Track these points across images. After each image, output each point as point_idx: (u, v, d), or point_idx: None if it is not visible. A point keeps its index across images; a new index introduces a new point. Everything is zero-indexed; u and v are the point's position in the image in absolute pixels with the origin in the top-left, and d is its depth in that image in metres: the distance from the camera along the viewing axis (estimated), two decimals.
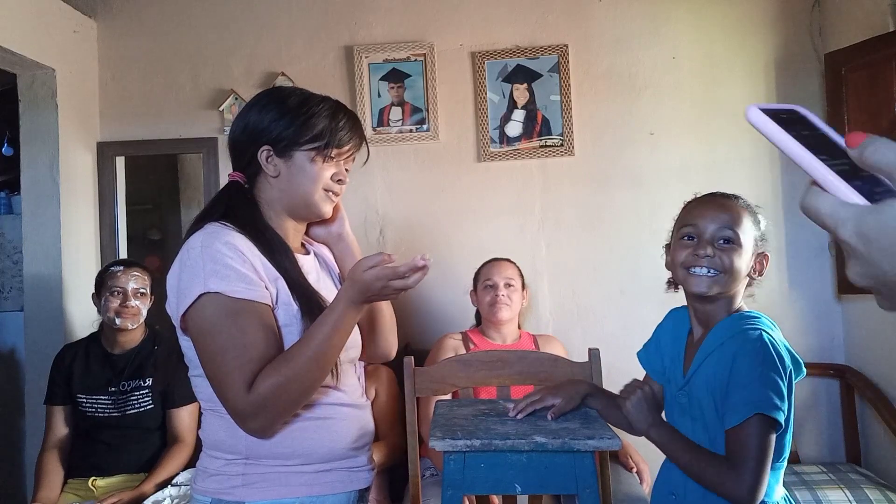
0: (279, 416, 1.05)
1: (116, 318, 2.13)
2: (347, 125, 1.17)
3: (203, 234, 1.08)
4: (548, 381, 1.75)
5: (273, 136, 1.14)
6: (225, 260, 1.04)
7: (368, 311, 1.25)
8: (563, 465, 1.15)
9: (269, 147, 1.14)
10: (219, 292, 1.02)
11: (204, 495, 1.10)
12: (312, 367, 1.04)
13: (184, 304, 1.05)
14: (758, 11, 2.64)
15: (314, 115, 1.14)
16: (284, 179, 1.15)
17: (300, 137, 1.13)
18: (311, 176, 1.14)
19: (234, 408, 1.02)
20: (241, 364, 1.01)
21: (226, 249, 1.05)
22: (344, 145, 1.17)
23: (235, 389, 1.00)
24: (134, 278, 2.17)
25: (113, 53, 2.76)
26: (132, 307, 2.14)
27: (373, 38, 2.69)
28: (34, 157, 2.52)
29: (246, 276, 1.04)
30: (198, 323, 1.05)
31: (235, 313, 1.02)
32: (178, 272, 1.08)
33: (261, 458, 1.07)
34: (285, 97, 1.17)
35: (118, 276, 2.16)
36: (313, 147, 1.14)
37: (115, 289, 2.15)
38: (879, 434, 2.38)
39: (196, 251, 1.06)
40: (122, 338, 2.18)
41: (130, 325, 2.15)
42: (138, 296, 2.16)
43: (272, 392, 1.00)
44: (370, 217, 2.68)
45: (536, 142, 2.63)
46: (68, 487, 2.10)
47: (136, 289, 2.16)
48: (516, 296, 2.25)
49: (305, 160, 1.14)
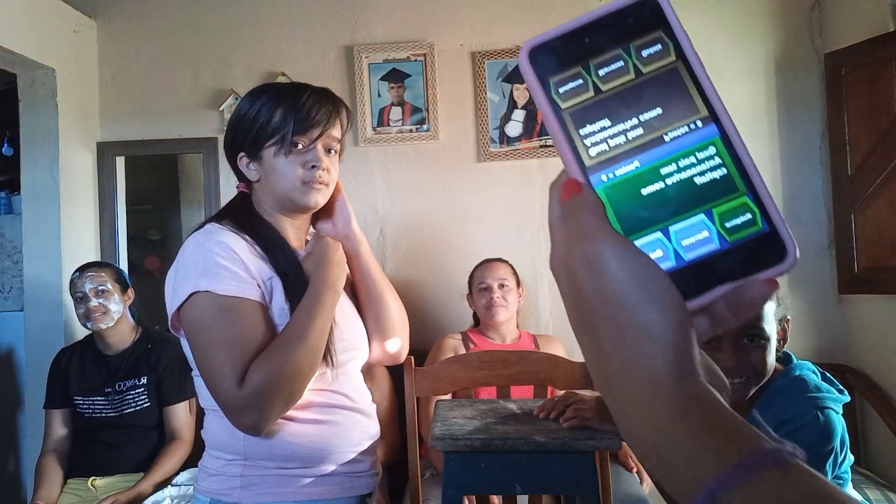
0: (272, 411, 1.02)
1: (87, 322, 2.14)
2: (307, 107, 1.11)
3: (199, 234, 1.09)
4: (548, 381, 1.76)
5: (242, 141, 1.14)
6: (215, 259, 1.03)
7: (374, 311, 1.24)
8: (563, 465, 1.15)
9: (244, 153, 1.14)
10: (209, 290, 1.02)
11: (204, 495, 1.09)
12: (300, 353, 1.02)
13: (175, 302, 1.05)
14: (758, 11, 2.64)
15: (268, 110, 1.11)
16: (264, 181, 1.14)
17: (260, 136, 1.11)
18: (281, 172, 1.11)
19: (226, 403, 1.01)
20: (231, 359, 1.01)
21: (217, 248, 1.04)
22: (307, 129, 1.10)
23: (227, 384, 1.00)
24: (89, 279, 2.15)
25: (113, 53, 2.76)
26: (94, 306, 2.12)
27: (373, 38, 2.69)
28: (34, 157, 2.52)
29: (236, 273, 1.04)
30: (189, 321, 1.05)
31: (226, 310, 1.02)
32: (174, 272, 1.09)
33: (259, 460, 1.06)
34: (249, 99, 1.15)
35: (75, 282, 2.17)
36: (273, 143, 1.11)
37: (76, 294, 2.15)
38: (880, 434, 2.38)
39: (189, 250, 1.07)
40: (110, 338, 2.17)
41: (102, 325, 2.13)
42: (99, 294, 2.13)
43: (263, 384, 0.99)
44: (370, 217, 2.68)
45: (536, 142, 2.63)
46: (68, 488, 2.10)
47: (93, 288, 2.13)
48: (511, 296, 2.24)
49: (271, 157, 1.11)
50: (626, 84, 0.33)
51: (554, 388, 1.76)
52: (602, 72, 0.33)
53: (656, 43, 0.34)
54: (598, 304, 0.33)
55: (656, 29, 0.34)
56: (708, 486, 0.29)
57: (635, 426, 0.32)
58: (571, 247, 0.34)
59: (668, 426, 0.31)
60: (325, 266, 1.11)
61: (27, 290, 2.53)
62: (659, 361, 0.32)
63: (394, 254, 2.68)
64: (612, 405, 0.34)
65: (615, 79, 0.33)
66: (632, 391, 0.32)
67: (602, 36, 0.33)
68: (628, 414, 0.33)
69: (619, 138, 0.34)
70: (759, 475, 0.28)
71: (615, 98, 0.33)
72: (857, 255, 2.44)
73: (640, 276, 0.32)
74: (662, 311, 0.32)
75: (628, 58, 0.33)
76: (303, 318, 1.06)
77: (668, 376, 0.32)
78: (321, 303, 1.07)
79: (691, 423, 0.31)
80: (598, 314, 0.33)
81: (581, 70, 0.33)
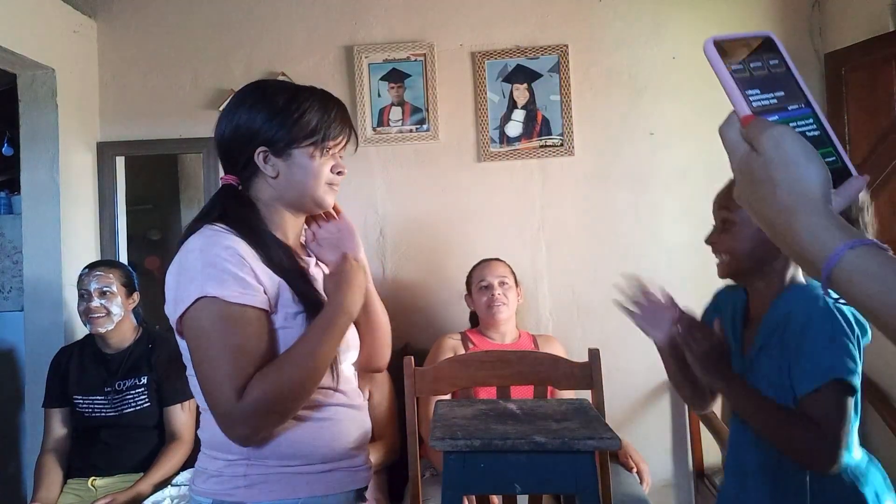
0: (265, 426, 1.04)
1: (87, 324, 2.14)
2: (338, 115, 1.16)
3: (202, 238, 1.07)
4: (548, 381, 1.76)
5: (268, 136, 1.12)
6: (223, 264, 1.03)
7: (364, 319, 1.24)
8: (562, 465, 1.15)
9: (266, 148, 1.13)
10: (216, 297, 1.01)
11: (204, 497, 1.09)
12: (303, 374, 1.03)
13: (181, 307, 1.04)
14: (758, 11, 2.64)
15: (306, 110, 1.12)
16: (284, 178, 1.14)
17: (297, 135, 1.12)
18: (312, 172, 1.13)
19: (221, 413, 1.01)
20: (232, 370, 1.00)
21: (225, 254, 1.04)
22: (338, 136, 1.15)
23: (226, 395, 1.00)
24: (96, 278, 2.14)
25: (113, 53, 2.76)
26: (95, 307, 2.11)
27: (373, 38, 2.69)
28: (34, 157, 2.52)
29: (244, 280, 1.03)
30: (193, 327, 1.04)
31: (231, 318, 1.02)
32: (175, 274, 1.07)
33: (263, 459, 1.07)
34: (272, 94, 1.14)
35: (82, 278, 2.16)
36: (311, 143, 1.12)
37: (81, 292, 2.15)
38: (880, 434, 2.37)
39: (195, 254, 1.05)
40: (111, 339, 2.17)
41: (101, 328, 2.12)
42: (103, 295, 2.13)
43: (261, 399, 1.00)
44: (370, 217, 2.68)
45: (536, 142, 2.63)
46: (68, 488, 2.10)
47: (97, 288, 2.13)
48: (511, 293, 2.25)
49: (305, 157, 1.12)
50: (764, 74, 0.57)
51: (554, 388, 1.76)
52: (752, 65, 0.57)
53: (776, 58, 0.58)
54: (778, 162, 0.53)
55: (775, 49, 0.58)
56: (837, 251, 0.50)
57: (793, 229, 0.53)
58: (762, 138, 0.53)
59: (815, 223, 0.52)
60: (344, 289, 1.11)
61: (27, 290, 2.53)
62: (816, 188, 0.53)
63: (394, 254, 2.68)
64: (778, 221, 0.54)
65: (758, 71, 0.56)
66: (798, 204, 0.53)
67: (749, 47, 0.57)
68: (790, 221, 0.53)
69: (764, 102, 0.56)
70: (868, 247, 0.50)
71: (760, 80, 0.56)
72: None
73: (805, 143, 0.54)
74: (820, 163, 0.54)
75: (763, 61, 0.57)
76: (313, 339, 1.06)
77: (821, 196, 0.53)
78: (334, 325, 1.08)
79: (830, 221, 0.52)
80: (777, 168, 0.53)
81: (742, 61, 0.56)
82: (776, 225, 0.54)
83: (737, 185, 0.57)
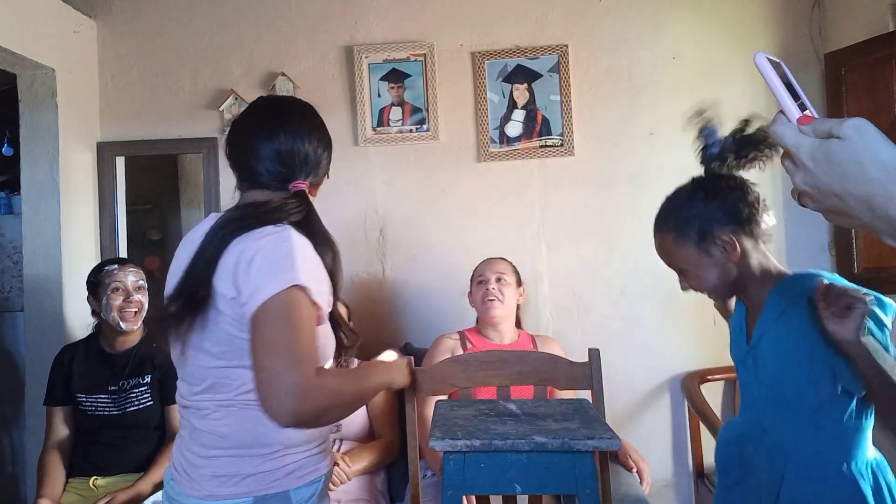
0: (323, 415, 1.04)
1: (121, 321, 2.13)
2: None
3: (294, 233, 1.11)
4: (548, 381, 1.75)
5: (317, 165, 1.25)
6: (315, 265, 1.11)
7: None
8: (562, 465, 1.15)
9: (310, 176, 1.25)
10: (307, 288, 1.06)
11: (239, 498, 1.09)
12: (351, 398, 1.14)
13: (271, 288, 1.03)
14: (758, 11, 2.64)
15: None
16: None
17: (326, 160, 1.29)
18: None
19: (304, 382, 0.99)
20: (314, 353, 1.05)
21: (314, 257, 1.13)
22: None
23: (310, 369, 1.01)
24: (132, 272, 2.17)
25: (113, 53, 2.76)
26: (135, 301, 2.14)
27: (373, 38, 2.70)
28: (34, 157, 2.52)
29: (325, 285, 1.13)
30: (282, 308, 1.03)
31: (311, 312, 1.08)
32: (257, 254, 1.06)
33: (297, 446, 1.14)
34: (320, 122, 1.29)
35: (115, 273, 2.16)
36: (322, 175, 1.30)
37: (115, 285, 2.14)
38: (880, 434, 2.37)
39: (288, 244, 1.07)
40: (123, 337, 2.18)
41: (134, 324, 2.15)
42: (139, 290, 2.17)
43: (332, 389, 1.04)
44: (370, 217, 2.68)
45: (536, 142, 2.63)
46: (70, 487, 2.10)
47: (135, 282, 2.16)
48: (508, 290, 2.22)
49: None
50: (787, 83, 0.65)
51: (554, 388, 1.76)
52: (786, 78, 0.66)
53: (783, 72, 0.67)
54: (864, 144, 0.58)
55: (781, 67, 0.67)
56: None
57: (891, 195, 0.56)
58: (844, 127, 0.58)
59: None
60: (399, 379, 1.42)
61: (27, 290, 2.53)
62: None
63: (394, 254, 2.68)
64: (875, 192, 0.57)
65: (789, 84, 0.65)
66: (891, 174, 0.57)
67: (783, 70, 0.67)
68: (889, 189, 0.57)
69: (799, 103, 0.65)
70: None
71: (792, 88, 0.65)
72: (857, 254, 2.44)
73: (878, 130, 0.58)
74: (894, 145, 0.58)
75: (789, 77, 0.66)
76: (364, 377, 1.25)
77: None
78: (378, 383, 1.30)
79: None
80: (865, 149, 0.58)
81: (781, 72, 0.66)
82: (874, 196, 0.58)
83: (807, 173, 0.62)
